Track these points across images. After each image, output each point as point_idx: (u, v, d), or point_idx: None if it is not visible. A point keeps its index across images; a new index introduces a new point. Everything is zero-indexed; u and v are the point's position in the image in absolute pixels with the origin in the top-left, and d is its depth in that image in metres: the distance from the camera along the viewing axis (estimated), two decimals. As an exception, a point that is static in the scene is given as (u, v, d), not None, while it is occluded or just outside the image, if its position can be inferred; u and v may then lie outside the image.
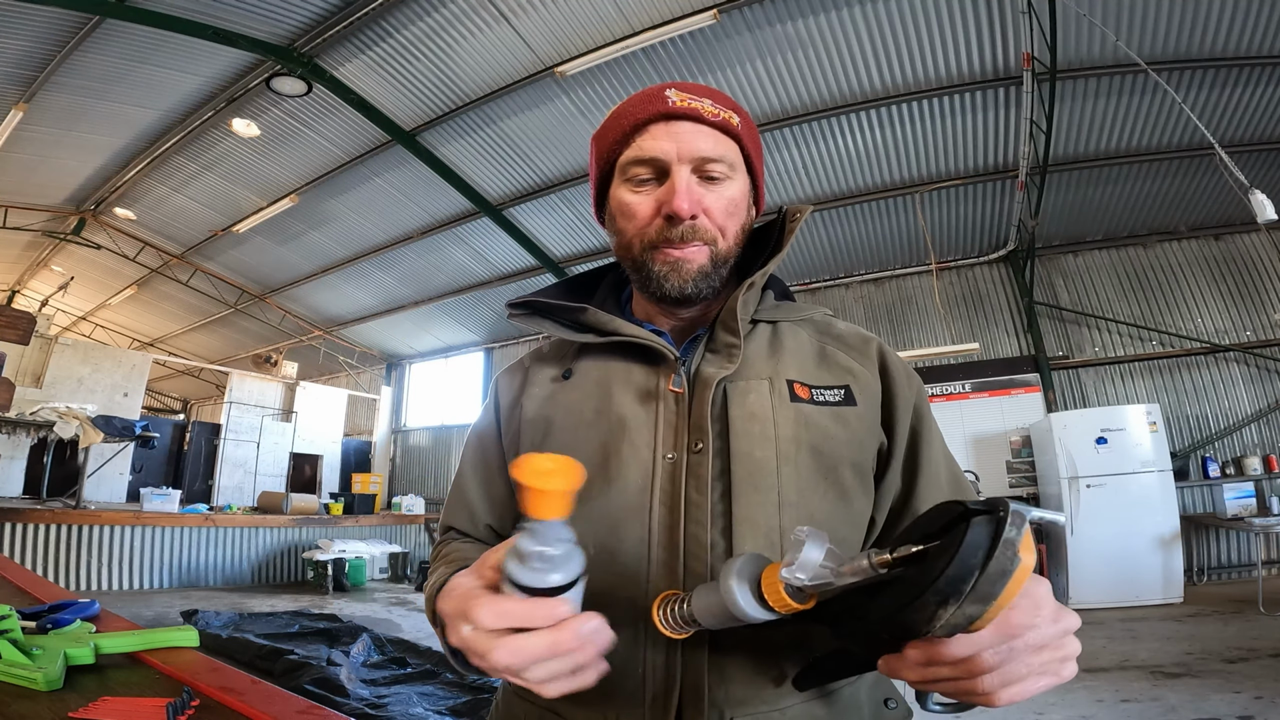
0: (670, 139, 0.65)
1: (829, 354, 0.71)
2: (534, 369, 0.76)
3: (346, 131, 7.07)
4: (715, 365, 0.65)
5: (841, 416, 0.65)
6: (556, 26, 5.47)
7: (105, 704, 0.64)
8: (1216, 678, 3.28)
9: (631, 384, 0.67)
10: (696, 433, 0.62)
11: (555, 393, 0.71)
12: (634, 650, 0.57)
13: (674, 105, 0.65)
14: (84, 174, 8.30)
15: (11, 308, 10.05)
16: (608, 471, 0.63)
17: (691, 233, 0.65)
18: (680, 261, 0.65)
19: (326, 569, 6.92)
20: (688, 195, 0.64)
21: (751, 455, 0.61)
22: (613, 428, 0.64)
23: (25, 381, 9.41)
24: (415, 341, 12.04)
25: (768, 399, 0.64)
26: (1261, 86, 5.26)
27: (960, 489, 0.69)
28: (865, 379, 0.69)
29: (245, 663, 3.70)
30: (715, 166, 0.66)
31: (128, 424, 7.20)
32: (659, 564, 0.59)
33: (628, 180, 0.68)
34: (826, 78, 5.73)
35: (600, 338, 0.70)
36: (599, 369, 0.70)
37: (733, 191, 0.67)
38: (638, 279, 0.70)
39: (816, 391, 0.66)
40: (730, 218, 0.67)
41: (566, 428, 0.67)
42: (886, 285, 8.16)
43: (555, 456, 0.42)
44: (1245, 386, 6.50)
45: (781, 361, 0.68)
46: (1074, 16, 4.76)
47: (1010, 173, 6.44)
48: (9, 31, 5.56)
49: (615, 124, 0.69)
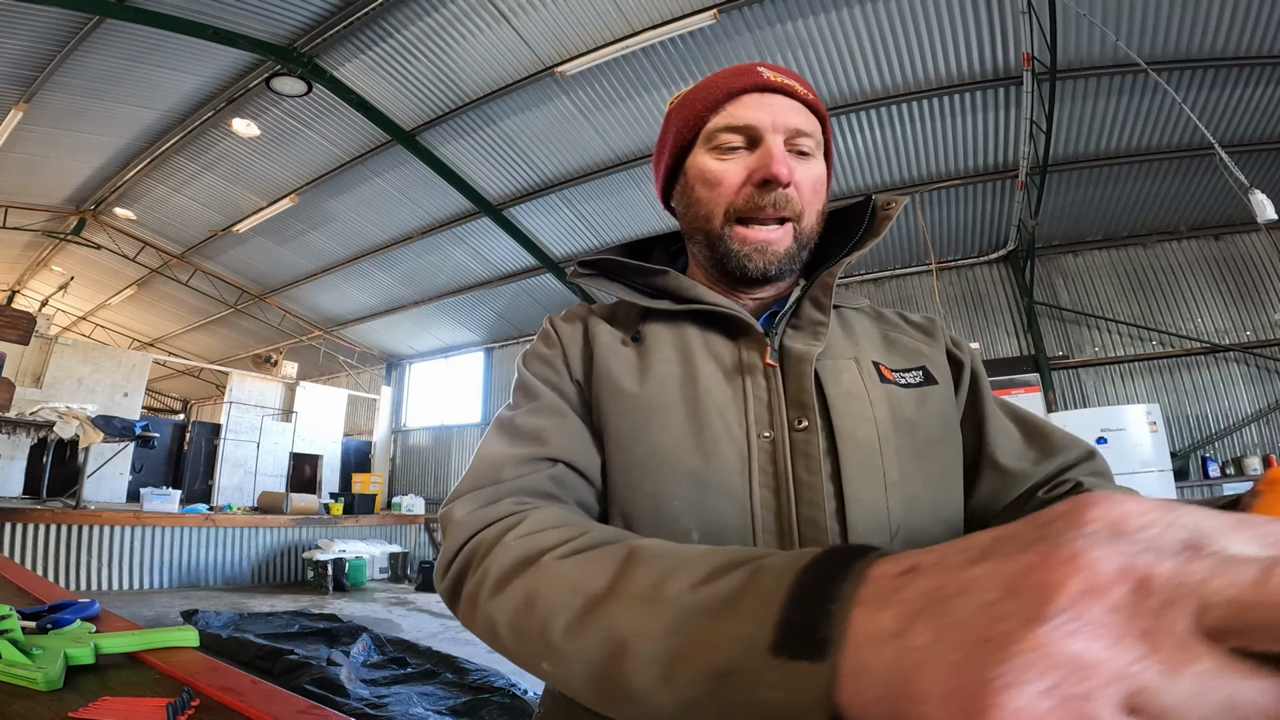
0: (765, 109, 0.64)
1: (893, 339, 0.71)
2: (594, 321, 0.69)
3: (346, 131, 7.07)
4: (802, 342, 0.62)
5: (926, 396, 0.65)
6: (556, 26, 5.47)
7: (105, 704, 0.64)
8: (1216, 678, 3.28)
9: (713, 355, 0.63)
10: (797, 409, 0.59)
11: (629, 355, 0.65)
12: None
13: (768, 79, 0.65)
14: (84, 174, 8.30)
15: (11, 308, 10.04)
16: (703, 449, 0.58)
17: (784, 202, 0.63)
18: (766, 244, 0.63)
19: (326, 569, 6.92)
20: (785, 160, 0.62)
21: (855, 434, 0.59)
22: (701, 398, 0.60)
23: (25, 381, 9.42)
24: (415, 341, 12.04)
25: (859, 378, 0.63)
26: (1261, 86, 5.26)
27: (1030, 425, 0.70)
28: (936, 358, 0.69)
29: (245, 663, 3.70)
30: (805, 141, 0.65)
31: (128, 424, 7.21)
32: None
33: (714, 148, 0.65)
34: (826, 78, 5.73)
35: (677, 305, 0.66)
36: (675, 336, 0.65)
37: (818, 170, 0.66)
38: (712, 255, 0.66)
39: (898, 374, 0.65)
40: (816, 195, 0.66)
41: (647, 392, 0.61)
42: (886, 285, 8.16)
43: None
44: (1245, 386, 6.50)
45: (860, 344, 0.67)
46: (1074, 16, 4.76)
47: (1010, 173, 6.44)
48: (9, 31, 5.56)
49: (704, 93, 0.67)
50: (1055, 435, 0.68)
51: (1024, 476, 0.65)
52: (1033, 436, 0.68)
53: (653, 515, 0.58)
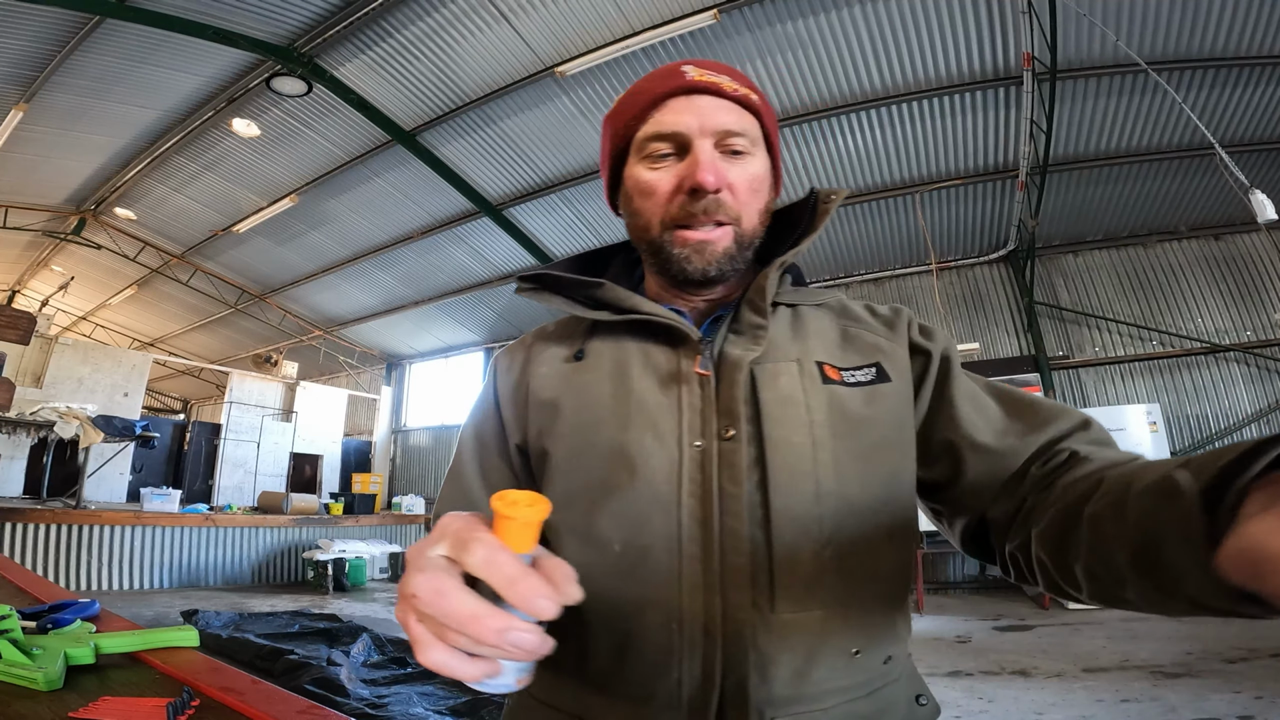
0: (691, 113, 0.62)
1: (852, 334, 0.68)
2: (538, 347, 0.71)
3: (346, 131, 7.07)
4: (740, 347, 0.61)
5: (877, 395, 0.62)
6: (556, 26, 5.47)
7: (105, 704, 0.64)
8: (1217, 678, 3.28)
9: (651, 366, 0.63)
10: (726, 418, 0.58)
11: (567, 374, 0.66)
12: (668, 653, 0.54)
13: (693, 79, 0.63)
14: (84, 174, 8.30)
15: (12, 308, 10.04)
16: (630, 462, 0.58)
17: (716, 207, 0.61)
18: (704, 244, 0.62)
19: (327, 569, 6.92)
20: (712, 167, 0.60)
21: (787, 441, 0.57)
22: (632, 414, 0.60)
23: (25, 381, 9.43)
24: (415, 341, 12.05)
25: (798, 381, 0.61)
26: (1261, 86, 5.26)
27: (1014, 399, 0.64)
28: (895, 353, 0.66)
29: (245, 663, 3.70)
30: (738, 140, 0.63)
31: (128, 424, 7.21)
32: (691, 560, 0.55)
33: (645, 157, 0.64)
34: (826, 78, 5.73)
35: (615, 315, 0.65)
36: (614, 349, 0.65)
37: (755, 168, 0.64)
38: (656, 262, 0.66)
39: (847, 373, 0.63)
40: (754, 195, 0.64)
41: (580, 412, 0.62)
42: (887, 285, 8.16)
43: (525, 491, 0.39)
44: (1245, 386, 6.50)
45: (807, 344, 0.65)
46: (1074, 16, 4.76)
47: (1010, 173, 6.44)
48: (9, 31, 5.56)
49: (632, 101, 0.65)
50: (1043, 407, 0.63)
51: (1011, 453, 0.61)
52: (1018, 411, 0.63)
53: (581, 534, 0.59)
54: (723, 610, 0.54)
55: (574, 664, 0.58)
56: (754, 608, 0.54)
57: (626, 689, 0.56)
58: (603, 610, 0.56)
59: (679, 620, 0.54)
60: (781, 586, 0.54)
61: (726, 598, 0.54)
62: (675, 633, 0.54)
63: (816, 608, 0.55)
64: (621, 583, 0.56)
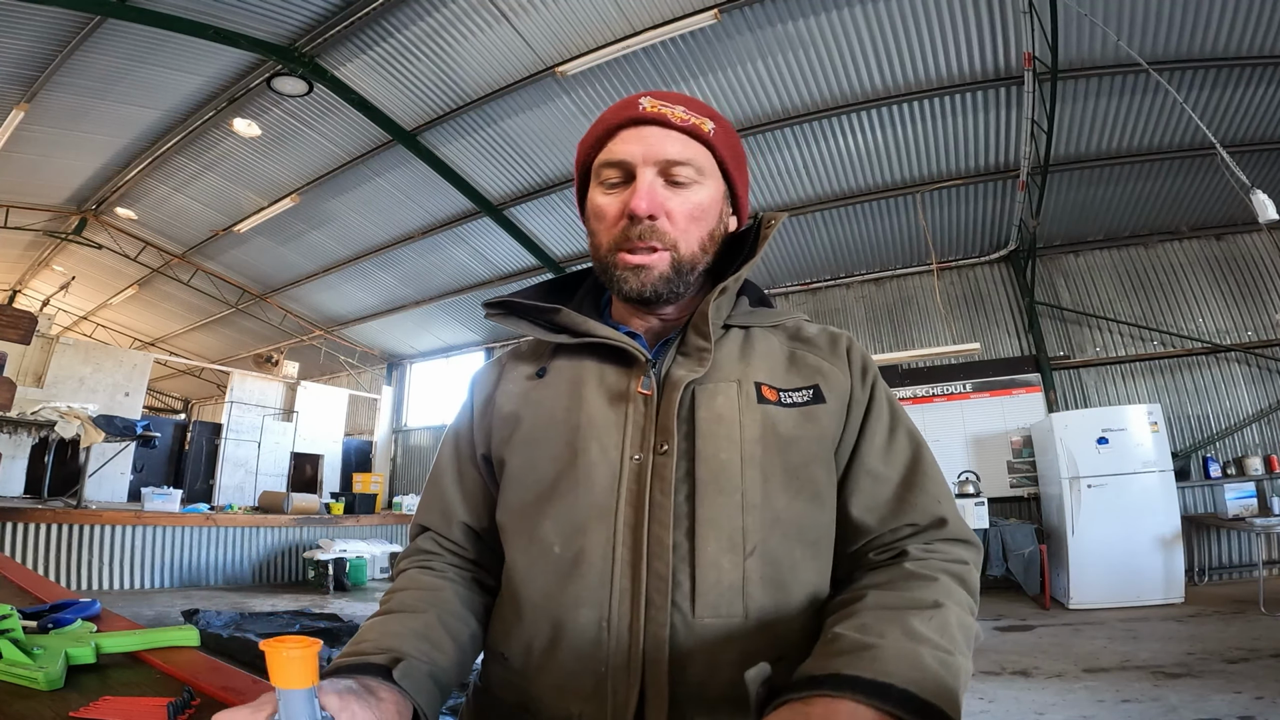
0: (638, 142, 0.67)
1: (799, 357, 0.71)
2: (510, 366, 0.78)
3: (347, 131, 7.07)
4: (685, 368, 0.66)
5: (811, 415, 0.66)
6: (557, 26, 5.47)
7: (106, 703, 0.64)
8: (1217, 678, 3.28)
9: (603, 385, 0.68)
10: (662, 434, 0.63)
11: (528, 390, 0.72)
12: (598, 648, 0.58)
13: (644, 111, 0.67)
14: (85, 174, 8.31)
15: (13, 307, 10.03)
16: (575, 472, 0.64)
17: (650, 233, 0.66)
18: (640, 267, 0.67)
19: (327, 569, 6.92)
20: (647, 195, 0.65)
21: (716, 457, 0.62)
22: (581, 428, 0.65)
23: (26, 381, 9.43)
24: (416, 341, 12.05)
25: (735, 401, 0.65)
26: (1262, 86, 5.25)
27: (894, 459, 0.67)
28: (835, 376, 0.69)
29: (246, 662, 3.70)
30: (681, 170, 0.67)
31: (129, 423, 7.21)
32: (623, 564, 0.60)
33: (601, 183, 0.70)
34: (826, 78, 5.72)
35: (574, 338, 0.71)
36: (572, 369, 0.71)
37: (699, 197, 0.68)
38: (605, 281, 0.71)
39: (784, 394, 0.66)
40: (694, 222, 0.68)
41: (536, 425, 0.69)
42: (887, 285, 8.16)
43: (300, 637, 0.42)
44: (1246, 386, 6.50)
45: (751, 365, 0.68)
46: (1075, 16, 4.75)
47: (1011, 172, 6.44)
48: (10, 31, 5.57)
49: (593, 130, 0.71)
50: (919, 496, 0.64)
51: (865, 530, 0.64)
52: (901, 489, 0.65)
53: (527, 536, 0.66)
54: (646, 612, 0.58)
55: (518, 657, 0.64)
56: (675, 610, 0.58)
57: (560, 680, 0.60)
58: (543, 606, 0.62)
59: (608, 619, 0.59)
60: (701, 593, 0.58)
61: (651, 600, 0.58)
62: (604, 630, 0.59)
63: (737, 615, 0.59)
64: (560, 582, 0.62)
